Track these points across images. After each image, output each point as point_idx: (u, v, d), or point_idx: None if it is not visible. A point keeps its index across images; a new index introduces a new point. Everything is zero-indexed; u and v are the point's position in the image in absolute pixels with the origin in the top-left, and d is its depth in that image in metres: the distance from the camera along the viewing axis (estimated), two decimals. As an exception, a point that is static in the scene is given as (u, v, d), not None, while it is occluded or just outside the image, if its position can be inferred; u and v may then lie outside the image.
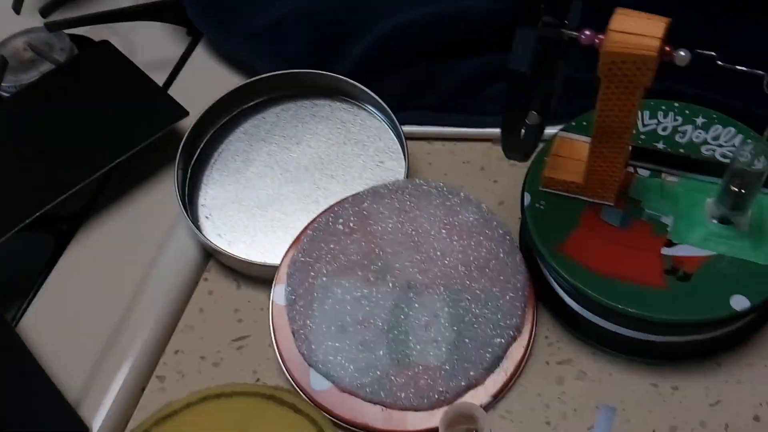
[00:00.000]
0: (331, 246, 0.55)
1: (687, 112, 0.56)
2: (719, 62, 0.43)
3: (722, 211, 0.50)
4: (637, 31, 0.42)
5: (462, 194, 0.56)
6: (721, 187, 0.49)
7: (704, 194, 0.52)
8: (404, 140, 0.60)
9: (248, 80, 0.65)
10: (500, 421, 0.51)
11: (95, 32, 0.71)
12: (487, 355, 0.51)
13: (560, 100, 0.61)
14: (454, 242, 0.54)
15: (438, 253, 0.54)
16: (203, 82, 0.69)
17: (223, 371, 0.55)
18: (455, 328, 0.51)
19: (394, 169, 0.61)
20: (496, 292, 0.53)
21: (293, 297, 0.54)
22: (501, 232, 0.55)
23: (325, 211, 0.57)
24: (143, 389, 0.54)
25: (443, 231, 0.54)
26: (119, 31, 0.74)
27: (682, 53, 0.43)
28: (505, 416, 0.51)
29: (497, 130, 0.45)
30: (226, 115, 0.65)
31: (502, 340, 0.52)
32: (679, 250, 0.50)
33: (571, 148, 0.54)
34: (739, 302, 0.47)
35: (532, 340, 0.53)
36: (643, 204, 0.52)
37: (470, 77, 0.64)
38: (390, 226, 0.55)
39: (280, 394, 0.51)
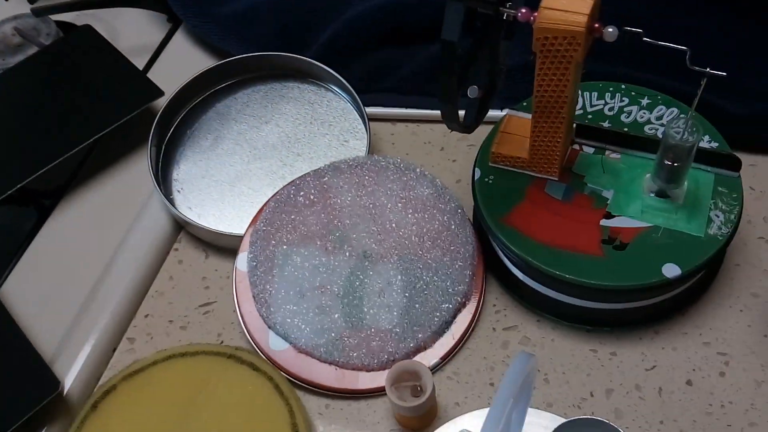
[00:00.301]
0: (292, 217, 0.58)
1: (633, 93, 0.59)
2: (645, 38, 0.45)
3: (659, 185, 0.52)
4: (567, 8, 0.45)
5: (418, 170, 0.59)
6: (656, 162, 0.51)
7: (644, 170, 0.55)
8: (367, 120, 0.63)
9: (220, 62, 0.68)
10: (447, 381, 0.54)
11: (80, 18, 0.75)
12: (435, 319, 0.54)
13: (519, 83, 0.65)
14: (409, 215, 0.57)
15: (393, 225, 0.57)
16: (181, 65, 0.73)
17: (189, 334, 0.58)
18: (407, 294, 0.54)
19: (358, 148, 0.64)
20: (446, 261, 0.55)
21: (254, 263, 0.57)
22: (453, 205, 0.58)
23: (288, 184, 0.59)
24: (114, 350, 0.58)
25: (399, 204, 0.57)
26: (103, 17, 0.77)
27: (610, 29, 0.46)
28: (452, 377, 0.54)
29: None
30: (199, 96, 0.69)
31: (450, 306, 0.54)
32: (617, 222, 0.53)
33: (518, 125, 0.57)
34: (671, 270, 0.50)
35: (480, 307, 0.56)
36: (585, 179, 0.55)
37: (431, 62, 0.67)
38: (349, 199, 0.58)
39: (240, 353, 0.54)
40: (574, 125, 0.56)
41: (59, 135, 0.64)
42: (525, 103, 0.59)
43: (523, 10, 0.47)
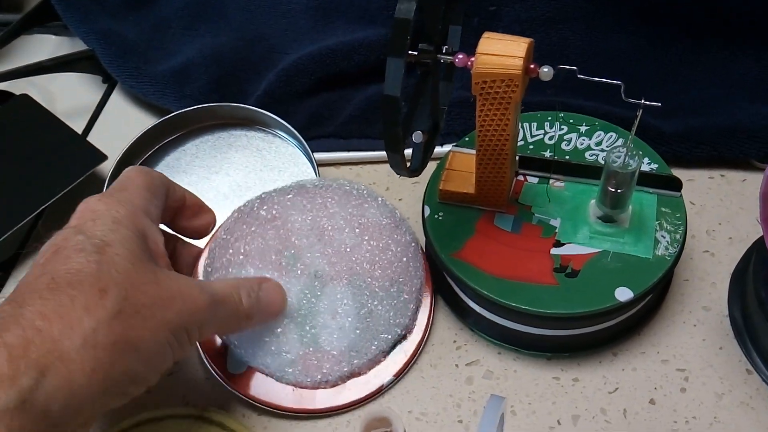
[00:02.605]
0: (252, 229, 0.57)
1: (571, 121, 0.60)
2: (580, 75, 0.47)
3: (604, 211, 0.54)
4: (502, 53, 0.46)
5: (380, 199, 0.59)
6: (600, 189, 0.53)
7: (588, 196, 0.56)
8: (315, 164, 0.64)
9: (162, 119, 0.68)
10: (416, 422, 0.54)
11: (15, 86, 0.74)
12: (373, 347, 0.55)
13: (456, 119, 0.66)
14: (365, 241, 0.57)
15: (348, 249, 0.57)
16: (121, 126, 0.72)
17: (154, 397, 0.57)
18: (349, 319, 0.55)
19: None
20: (392, 292, 0.56)
21: (209, 269, 0.57)
22: (408, 238, 0.58)
23: (255, 197, 0.59)
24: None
25: (357, 229, 0.57)
26: (38, 84, 0.77)
27: (545, 69, 0.47)
28: (420, 418, 0.54)
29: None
30: (147, 152, 0.68)
31: (389, 336, 0.55)
32: (567, 249, 0.54)
33: (462, 162, 0.58)
34: (623, 293, 0.51)
35: (424, 341, 0.57)
36: (532, 209, 0.56)
37: (367, 103, 0.68)
38: (309, 218, 0.58)
39: (209, 414, 0.54)
40: (517, 157, 0.57)
41: (3, 208, 0.63)
42: (467, 138, 0.60)
43: (461, 56, 0.48)
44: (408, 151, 0.52)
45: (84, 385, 0.39)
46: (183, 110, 0.68)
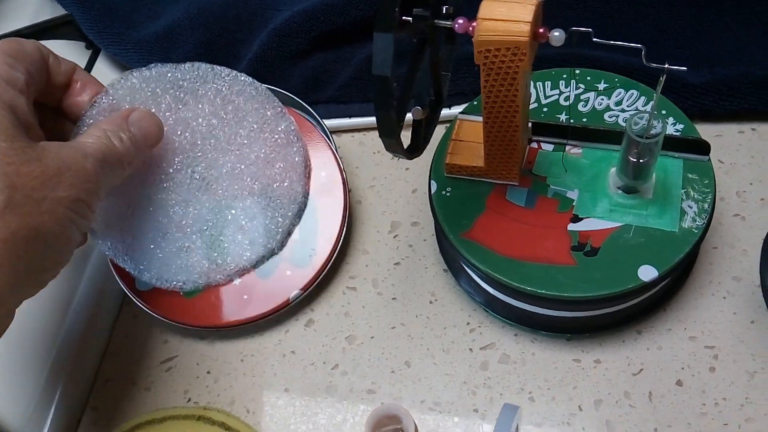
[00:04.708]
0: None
1: (588, 78, 0.55)
2: (595, 39, 0.42)
3: (625, 181, 0.49)
4: (507, 17, 0.41)
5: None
6: (621, 158, 0.48)
7: (608, 164, 0.51)
8: (327, 130, 0.59)
9: None
10: (429, 412, 0.51)
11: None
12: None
13: (464, 77, 0.61)
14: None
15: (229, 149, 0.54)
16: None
17: (154, 395, 0.54)
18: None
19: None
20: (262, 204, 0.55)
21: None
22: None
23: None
24: (79, 421, 0.54)
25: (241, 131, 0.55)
26: (19, 52, 0.72)
27: (556, 33, 0.42)
28: (434, 408, 0.51)
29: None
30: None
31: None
32: (585, 225, 0.50)
33: (470, 131, 0.53)
34: (647, 273, 0.47)
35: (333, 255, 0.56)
36: (548, 180, 0.52)
37: (367, 65, 0.63)
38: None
39: (210, 414, 0.51)
40: (530, 124, 0.53)
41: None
42: (475, 102, 0.55)
43: (461, 21, 0.43)
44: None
45: None
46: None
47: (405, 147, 0.44)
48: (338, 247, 0.56)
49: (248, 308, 0.54)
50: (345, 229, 0.56)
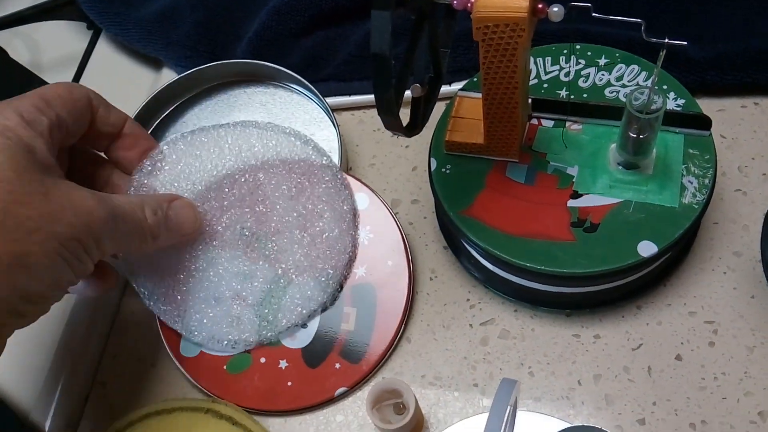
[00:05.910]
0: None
1: (589, 53, 0.55)
2: (594, 14, 0.42)
3: (625, 157, 0.49)
4: (506, -7, 0.41)
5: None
6: (621, 133, 0.48)
7: (608, 140, 0.51)
8: (329, 107, 0.59)
9: (156, 90, 0.61)
10: (430, 387, 0.51)
11: (-1, 37, 0.70)
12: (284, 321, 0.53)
13: (464, 54, 0.61)
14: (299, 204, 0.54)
15: (278, 208, 0.54)
16: (109, 75, 0.68)
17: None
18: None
19: (328, 138, 0.60)
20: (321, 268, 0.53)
21: None
22: (347, 207, 0.55)
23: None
24: (87, 397, 0.55)
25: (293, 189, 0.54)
26: (22, 33, 0.72)
27: (555, 9, 0.42)
28: (434, 382, 0.51)
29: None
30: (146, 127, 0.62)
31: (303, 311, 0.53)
32: (585, 201, 0.50)
33: (470, 108, 0.53)
34: (647, 248, 0.47)
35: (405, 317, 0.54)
36: (548, 156, 0.52)
37: (367, 41, 0.62)
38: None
39: (218, 407, 0.51)
40: (530, 100, 0.52)
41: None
42: (475, 79, 0.55)
43: (458, -4, 0.43)
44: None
45: None
46: (168, 83, 0.61)
47: (404, 125, 0.44)
48: (393, 346, 0.53)
49: (289, 396, 0.52)
50: (404, 326, 0.54)
